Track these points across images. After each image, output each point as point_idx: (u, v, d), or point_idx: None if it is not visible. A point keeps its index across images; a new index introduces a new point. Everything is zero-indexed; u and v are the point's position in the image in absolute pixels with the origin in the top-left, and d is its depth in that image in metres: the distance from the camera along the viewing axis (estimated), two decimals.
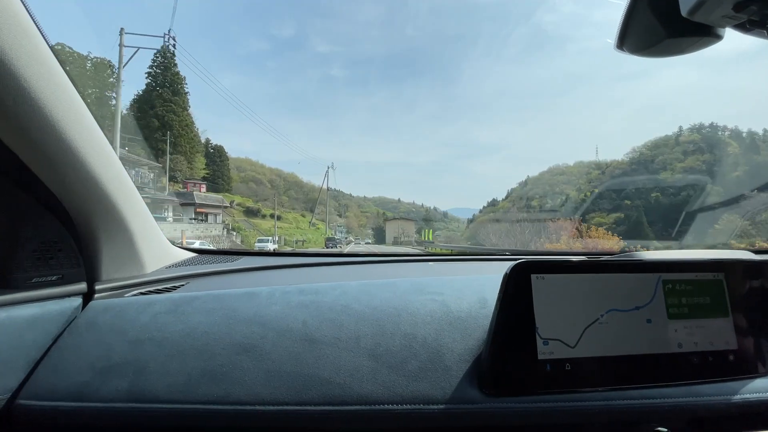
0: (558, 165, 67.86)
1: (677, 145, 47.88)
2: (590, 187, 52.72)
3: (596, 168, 60.11)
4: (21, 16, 0.44)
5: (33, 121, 0.48)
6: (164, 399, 0.51)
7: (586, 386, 0.49)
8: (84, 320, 0.61)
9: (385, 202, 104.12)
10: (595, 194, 47.66)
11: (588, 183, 55.98)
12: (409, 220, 65.14)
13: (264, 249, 10.46)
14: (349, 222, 62.97)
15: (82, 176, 0.57)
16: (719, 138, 44.43)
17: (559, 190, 59.62)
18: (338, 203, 67.12)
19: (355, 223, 66.32)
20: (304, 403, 0.50)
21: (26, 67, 0.44)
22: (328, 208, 48.13)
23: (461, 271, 1.04)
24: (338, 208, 63.62)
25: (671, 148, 48.05)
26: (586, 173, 60.11)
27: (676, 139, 49.70)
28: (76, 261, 0.64)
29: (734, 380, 0.53)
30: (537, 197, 60.20)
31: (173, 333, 0.57)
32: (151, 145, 30.30)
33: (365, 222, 73.95)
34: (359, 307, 0.62)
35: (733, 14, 0.33)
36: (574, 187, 56.71)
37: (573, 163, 65.30)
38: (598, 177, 54.70)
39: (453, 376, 0.52)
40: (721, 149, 41.54)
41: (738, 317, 0.54)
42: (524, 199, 61.16)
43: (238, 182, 48.81)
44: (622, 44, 0.44)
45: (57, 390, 0.52)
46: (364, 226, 71.64)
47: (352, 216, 71.93)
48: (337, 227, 54.09)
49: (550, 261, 0.51)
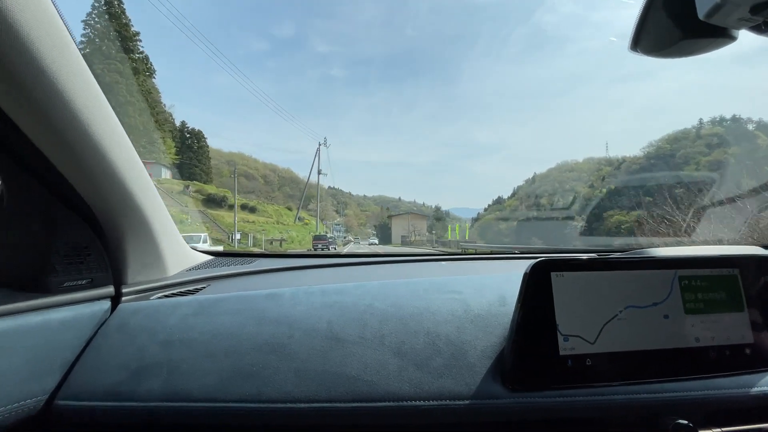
0: (567, 162, 64.75)
1: (699, 139, 44.39)
2: (604, 184, 49.23)
3: (607, 164, 56.83)
4: (56, 21, 0.46)
5: (67, 123, 0.50)
6: (198, 398, 0.53)
7: (606, 381, 0.51)
8: (115, 322, 0.64)
9: (386, 201, 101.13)
10: (611, 191, 43.97)
11: (600, 180, 52.51)
12: (420, 215, 57.90)
13: None
14: (348, 220, 58.84)
15: (113, 183, 0.60)
16: (746, 130, 40.90)
17: (569, 187, 56.45)
18: (336, 201, 62.74)
19: (354, 222, 62.18)
20: (334, 400, 0.52)
21: (60, 70, 0.46)
22: (320, 199, 40.05)
23: (476, 269, 1.08)
24: (336, 206, 59.32)
25: (692, 141, 44.62)
26: (596, 170, 56.67)
27: (697, 133, 46.19)
28: (104, 265, 0.67)
29: (751, 373, 0.55)
30: (546, 195, 56.86)
31: (202, 334, 0.60)
32: None
33: (365, 221, 70.00)
34: (382, 307, 0.64)
35: (750, 17, 0.33)
36: (585, 184, 53.31)
37: (582, 160, 62.28)
38: (612, 173, 51.27)
39: (477, 372, 0.54)
40: (751, 141, 38.03)
41: (753, 312, 0.56)
42: (533, 196, 57.78)
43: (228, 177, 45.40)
44: (636, 45, 0.45)
45: (93, 390, 0.54)
46: (364, 224, 67.71)
47: (352, 214, 68.09)
48: (334, 225, 50.30)
49: (569, 259, 0.53)
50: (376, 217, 71.02)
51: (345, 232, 53.76)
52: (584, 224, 39.40)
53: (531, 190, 64.91)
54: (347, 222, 59.32)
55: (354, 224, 62.33)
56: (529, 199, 60.41)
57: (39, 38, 0.43)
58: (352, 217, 65.17)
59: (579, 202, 45.31)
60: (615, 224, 41.25)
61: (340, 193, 73.24)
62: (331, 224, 49.18)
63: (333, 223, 50.20)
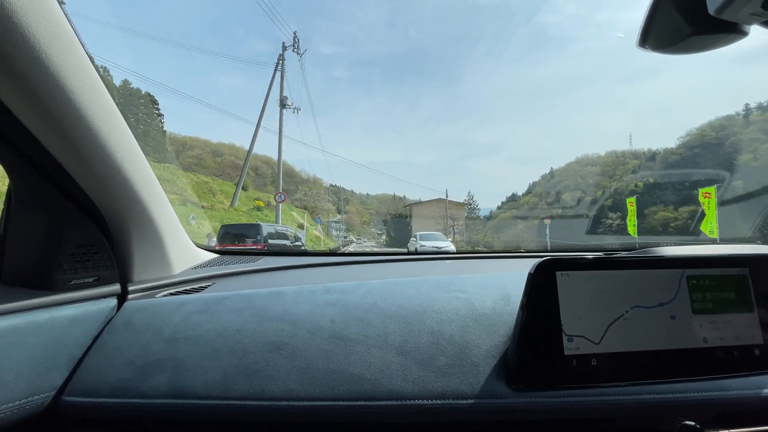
0: (587, 155, 59.16)
1: (751, 124, 38.19)
2: (636, 178, 42.90)
3: (633, 157, 50.64)
4: (65, 28, 0.48)
5: (72, 122, 0.52)
6: (202, 395, 0.54)
7: (612, 381, 0.52)
8: (121, 320, 0.67)
9: (390, 199, 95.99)
10: (648, 184, 37.59)
11: (629, 173, 46.21)
12: (455, 201, 42.60)
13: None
14: (349, 218, 52.25)
15: (119, 182, 0.63)
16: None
17: (593, 182, 50.35)
18: (338, 198, 56.19)
19: (356, 219, 55.65)
20: (337, 398, 0.53)
21: (65, 69, 0.48)
22: (282, 172, 20.84)
23: (480, 268, 1.09)
24: (337, 203, 52.83)
25: (743, 127, 38.39)
26: (621, 163, 50.66)
27: (745, 118, 39.97)
28: (110, 263, 0.70)
29: (760, 374, 0.55)
30: (568, 190, 50.97)
31: (207, 332, 0.63)
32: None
33: (369, 219, 63.80)
34: (385, 305, 0.66)
35: (762, 11, 0.33)
36: (610, 178, 47.11)
37: (604, 153, 56.49)
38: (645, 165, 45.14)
39: (480, 371, 0.55)
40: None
41: (763, 312, 0.56)
42: (553, 192, 51.95)
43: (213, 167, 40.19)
44: (644, 42, 0.44)
45: (100, 387, 0.57)
46: (367, 223, 61.48)
47: (354, 211, 61.80)
48: (332, 223, 44.41)
49: (574, 258, 0.54)
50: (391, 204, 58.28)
51: (346, 231, 47.79)
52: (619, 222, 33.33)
53: (550, 186, 59.16)
54: (349, 220, 52.46)
55: (356, 222, 55.80)
56: (549, 195, 54.58)
57: (44, 38, 0.44)
58: (354, 215, 58.32)
59: (606, 197, 39.22)
60: (661, 221, 34.67)
61: (341, 191, 66.79)
62: (327, 222, 43.00)
63: (331, 220, 43.99)
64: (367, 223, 62.23)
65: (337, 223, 45.53)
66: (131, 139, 0.64)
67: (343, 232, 45.88)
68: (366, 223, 60.92)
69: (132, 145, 0.64)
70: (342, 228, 46.12)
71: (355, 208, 68.08)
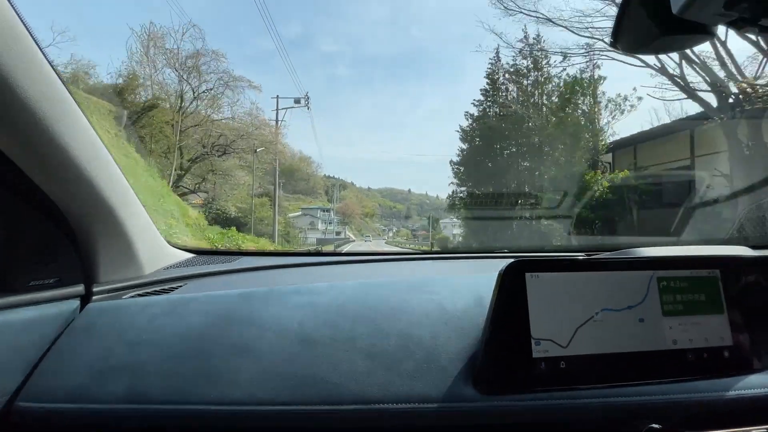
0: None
1: None
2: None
3: None
4: (13, 21, 0.47)
5: (30, 126, 0.52)
6: (161, 400, 0.55)
7: (581, 384, 0.54)
8: (82, 323, 0.68)
9: (394, 193, 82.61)
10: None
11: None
12: None
13: None
14: (346, 207, 36.71)
15: (77, 179, 0.65)
16: None
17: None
18: (331, 183, 40.88)
19: (356, 209, 40.06)
20: (301, 402, 0.54)
21: (19, 71, 0.47)
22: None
23: (458, 269, 1.10)
24: (329, 188, 37.29)
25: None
26: None
27: None
28: (73, 263, 0.71)
29: (729, 376, 0.58)
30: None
31: (170, 335, 0.64)
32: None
33: (372, 211, 48.17)
34: (355, 307, 0.68)
35: (724, 12, 0.34)
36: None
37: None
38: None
39: (449, 375, 0.57)
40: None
41: (733, 313, 0.59)
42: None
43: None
44: (616, 43, 0.45)
45: (55, 392, 0.57)
46: (370, 216, 45.82)
47: (353, 197, 46.14)
48: (321, 213, 29.34)
49: (545, 259, 0.57)
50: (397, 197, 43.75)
51: (340, 224, 32.21)
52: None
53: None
54: (345, 209, 36.65)
55: (355, 212, 39.91)
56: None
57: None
58: (353, 203, 42.46)
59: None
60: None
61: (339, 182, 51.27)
62: (318, 211, 28.20)
63: (319, 208, 29.12)
64: (371, 215, 46.72)
65: (326, 213, 30.57)
66: (89, 131, 0.63)
67: (336, 225, 30.55)
68: (369, 216, 45.35)
69: (93, 140, 0.64)
70: (334, 220, 30.93)
71: (354, 195, 52.85)
